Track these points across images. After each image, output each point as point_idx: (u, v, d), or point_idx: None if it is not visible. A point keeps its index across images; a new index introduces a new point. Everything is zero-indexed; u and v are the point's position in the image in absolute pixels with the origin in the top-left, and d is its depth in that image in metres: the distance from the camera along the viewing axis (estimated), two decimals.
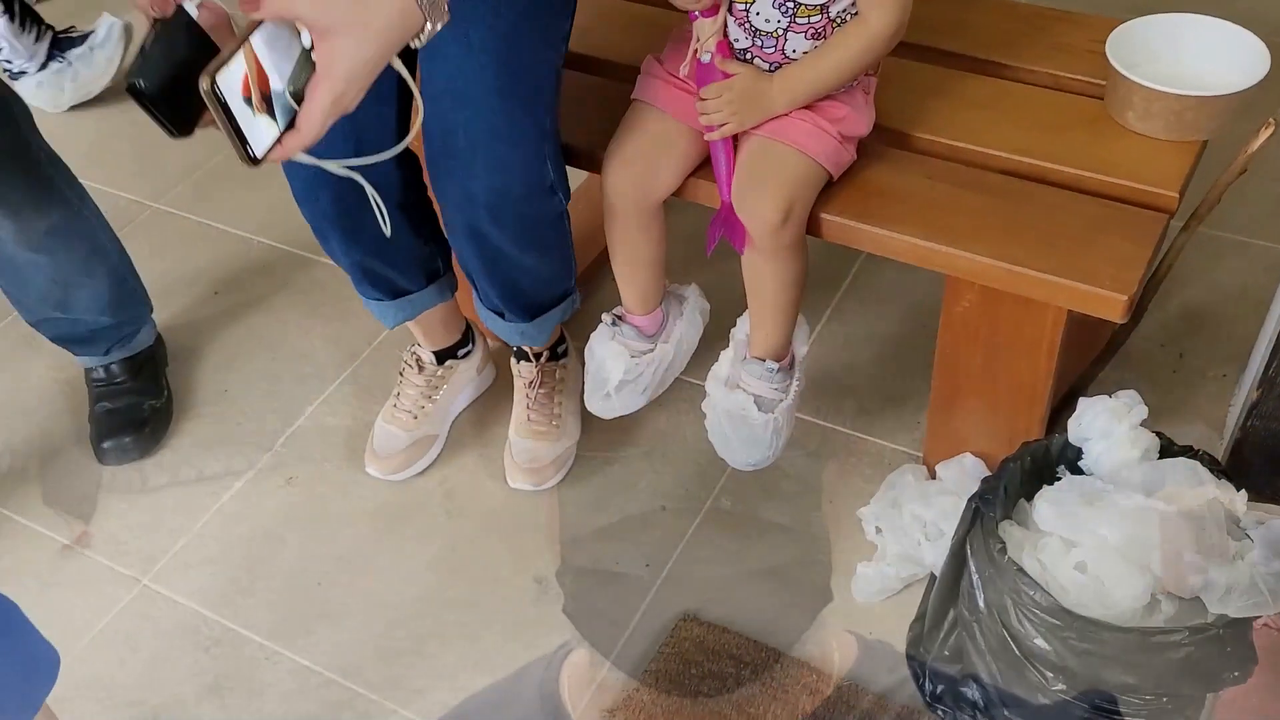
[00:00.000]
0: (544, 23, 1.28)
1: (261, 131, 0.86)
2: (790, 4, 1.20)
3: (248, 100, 0.84)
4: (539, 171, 1.28)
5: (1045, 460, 1.21)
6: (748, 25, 1.23)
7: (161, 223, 2.12)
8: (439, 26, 0.95)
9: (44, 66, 2.31)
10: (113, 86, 2.39)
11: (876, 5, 1.18)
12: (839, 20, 1.21)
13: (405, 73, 0.97)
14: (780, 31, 1.22)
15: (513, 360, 1.62)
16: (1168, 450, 1.16)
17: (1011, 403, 1.35)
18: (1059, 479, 1.19)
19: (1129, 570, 1.05)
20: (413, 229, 1.43)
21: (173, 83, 0.83)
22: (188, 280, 1.99)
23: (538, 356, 1.59)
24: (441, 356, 1.64)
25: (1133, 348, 1.59)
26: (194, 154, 2.26)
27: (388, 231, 1.13)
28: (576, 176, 1.41)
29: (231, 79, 0.82)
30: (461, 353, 1.65)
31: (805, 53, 1.23)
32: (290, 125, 0.88)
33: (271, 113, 0.86)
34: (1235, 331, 1.66)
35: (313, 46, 0.87)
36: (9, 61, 2.30)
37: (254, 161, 0.87)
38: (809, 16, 1.21)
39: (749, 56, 1.26)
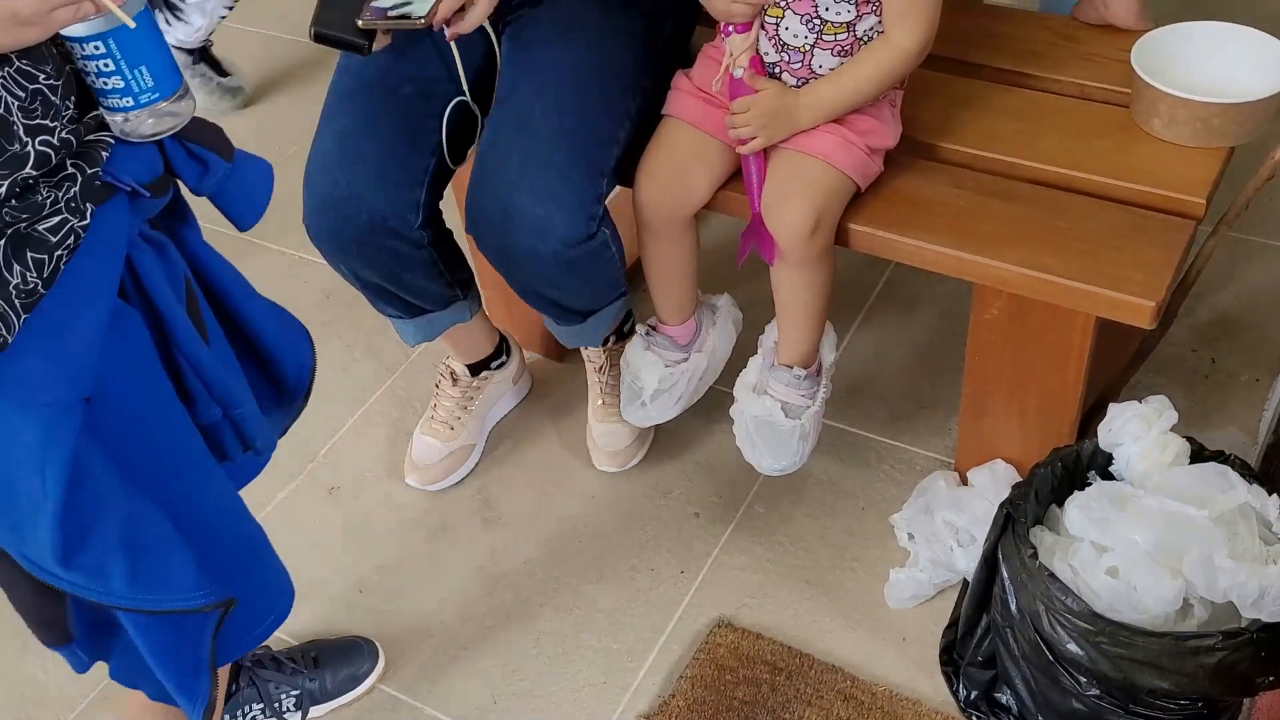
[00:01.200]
0: (617, 93, 1.32)
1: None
2: (817, 21, 1.22)
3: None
4: (583, 228, 1.29)
5: (1076, 466, 1.22)
6: (776, 40, 1.25)
7: (208, 241, 2.17)
8: None
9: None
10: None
11: (902, 24, 1.20)
12: (866, 38, 1.23)
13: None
14: (808, 48, 1.24)
15: (581, 347, 1.62)
16: (1199, 455, 1.17)
17: (1042, 409, 1.36)
18: (1090, 484, 1.20)
19: (1160, 575, 1.06)
20: (429, 271, 1.42)
21: (339, 22, 1.15)
22: None
23: (605, 340, 1.59)
24: (475, 369, 1.66)
25: (1165, 352, 1.60)
26: None
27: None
28: None
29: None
30: (495, 364, 1.68)
31: (832, 69, 1.25)
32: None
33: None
34: (1268, 335, 1.66)
35: None
36: None
37: (428, 25, 1.14)
38: (835, 34, 1.23)
39: (777, 71, 1.28)
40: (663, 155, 1.34)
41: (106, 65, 0.81)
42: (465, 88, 1.35)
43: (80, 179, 0.83)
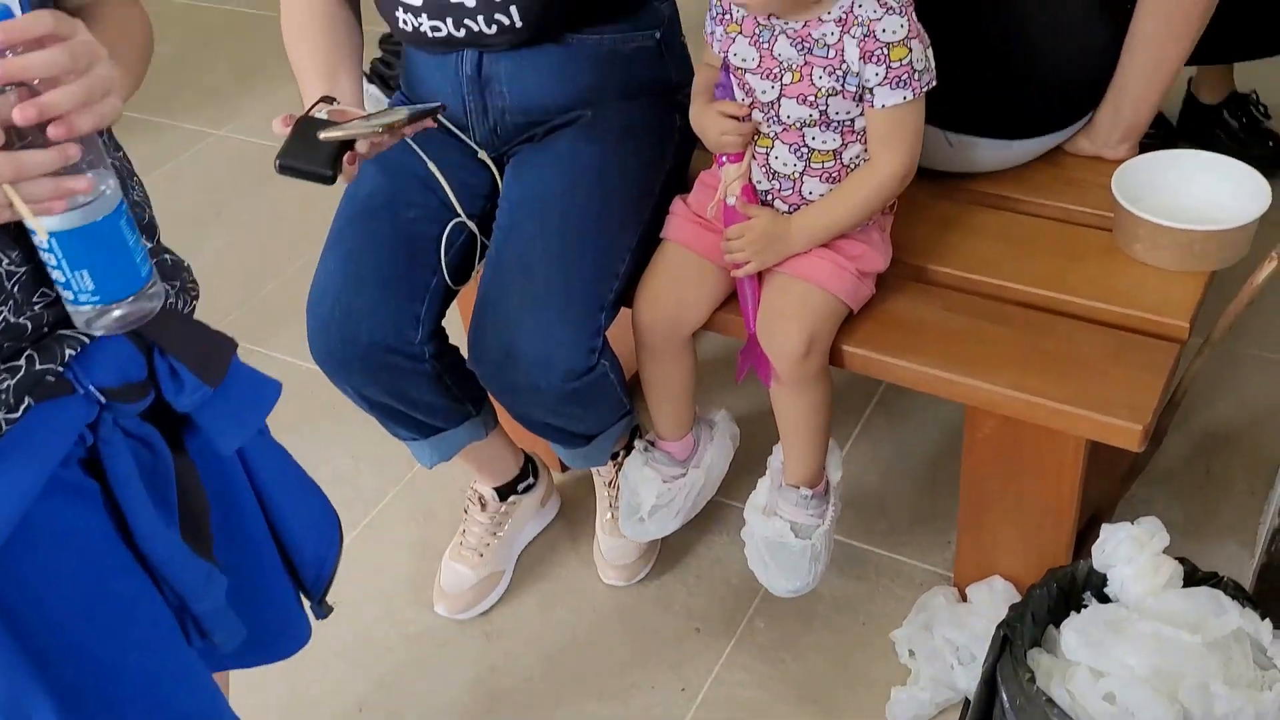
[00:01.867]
0: (616, 229, 1.36)
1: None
2: (805, 149, 1.27)
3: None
4: (583, 361, 1.32)
5: (1072, 587, 1.22)
6: (768, 168, 1.30)
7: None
8: None
9: None
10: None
11: (885, 151, 1.25)
12: (852, 165, 1.28)
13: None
14: (797, 175, 1.29)
15: None
16: (1192, 576, 1.18)
17: (1038, 526, 1.37)
18: (1086, 606, 1.20)
19: (1157, 701, 1.06)
20: (435, 387, 1.43)
21: (305, 153, 1.15)
22: None
23: (614, 455, 1.59)
24: (503, 493, 1.66)
25: (1160, 464, 1.61)
26: (245, 286, 2.37)
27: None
28: None
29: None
30: (522, 487, 1.68)
31: (822, 195, 1.30)
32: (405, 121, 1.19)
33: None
34: (1261, 446, 1.67)
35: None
36: None
37: (387, 131, 1.18)
38: (823, 162, 1.28)
39: (769, 198, 1.32)
40: (661, 278, 1.38)
41: (50, 259, 0.77)
42: (459, 209, 1.39)
43: (23, 371, 0.79)
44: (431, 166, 1.37)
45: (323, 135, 1.13)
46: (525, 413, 1.39)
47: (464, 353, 1.50)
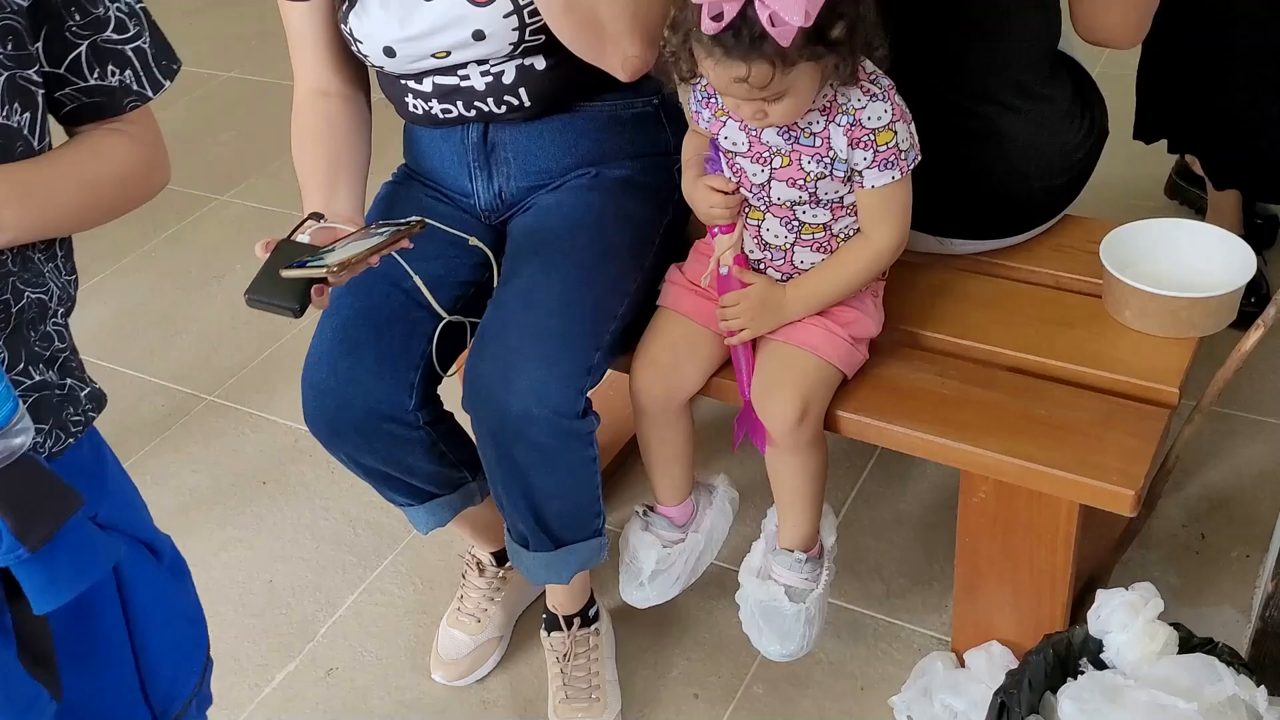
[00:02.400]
0: (616, 272, 1.38)
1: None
2: (796, 223, 1.30)
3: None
4: (573, 402, 1.32)
5: (1068, 653, 1.23)
6: (759, 239, 1.33)
7: (215, 415, 2.23)
8: None
9: None
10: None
11: (877, 225, 1.28)
12: (843, 235, 1.31)
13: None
14: (788, 246, 1.32)
15: (543, 633, 1.58)
16: (1187, 643, 1.18)
17: (1034, 590, 1.38)
18: (1082, 672, 1.20)
19: None
20: (430, 453, 1.43)
21: (274, 285, 1.13)
22: (237, 471, 2.07)
23: (569, 624, 1.56)
24: (501, 557, 1.65)
25: (1155, 528, 1.62)
26: (245, 350, 2.38)
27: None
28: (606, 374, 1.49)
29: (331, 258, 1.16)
30: None
31: (814, 264, 1.32)
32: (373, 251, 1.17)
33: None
34: (1256, 511, 1.68)
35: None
36: None
37: (359, 260, 1.15)
38: (814, 234, 1.30)
39: (762, 267, 1.35)
40: (658, 344, 1.39)
41: None
42: (442, 311, 1.39)
43: None
44: (417, 280, 1.37)
45: (284, 273, 1.13)
46: (510, 452, 1.33)
47: (458, 419, 1.52)
